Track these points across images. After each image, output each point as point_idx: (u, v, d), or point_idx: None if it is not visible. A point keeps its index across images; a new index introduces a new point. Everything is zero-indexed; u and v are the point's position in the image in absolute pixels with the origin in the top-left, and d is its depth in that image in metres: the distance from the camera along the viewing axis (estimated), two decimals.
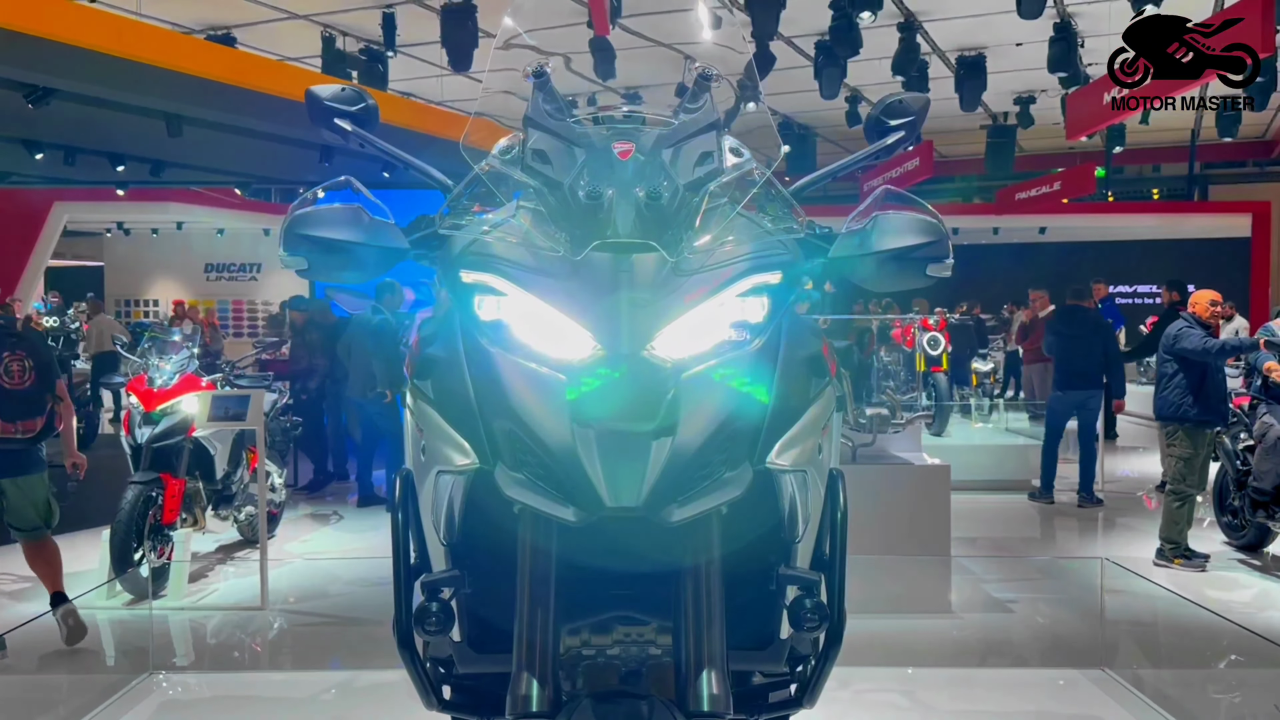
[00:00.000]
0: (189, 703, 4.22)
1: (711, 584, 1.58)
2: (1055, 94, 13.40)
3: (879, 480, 5.48)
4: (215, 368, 6.62)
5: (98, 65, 7.17)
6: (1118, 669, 4.16)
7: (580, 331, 1.48)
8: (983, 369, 13.22)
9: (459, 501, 1.61)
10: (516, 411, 1.48)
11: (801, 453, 1.62)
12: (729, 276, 1.55)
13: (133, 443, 5.80)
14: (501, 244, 1.59)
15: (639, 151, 1.59)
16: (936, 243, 1.71)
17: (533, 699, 1.51)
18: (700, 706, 1.50)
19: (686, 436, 1.45)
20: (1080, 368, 7.96)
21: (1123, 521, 7.49)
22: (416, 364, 1.74)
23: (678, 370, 1.47)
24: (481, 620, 1.78)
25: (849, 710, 3.84)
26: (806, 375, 1.70)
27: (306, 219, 1.70)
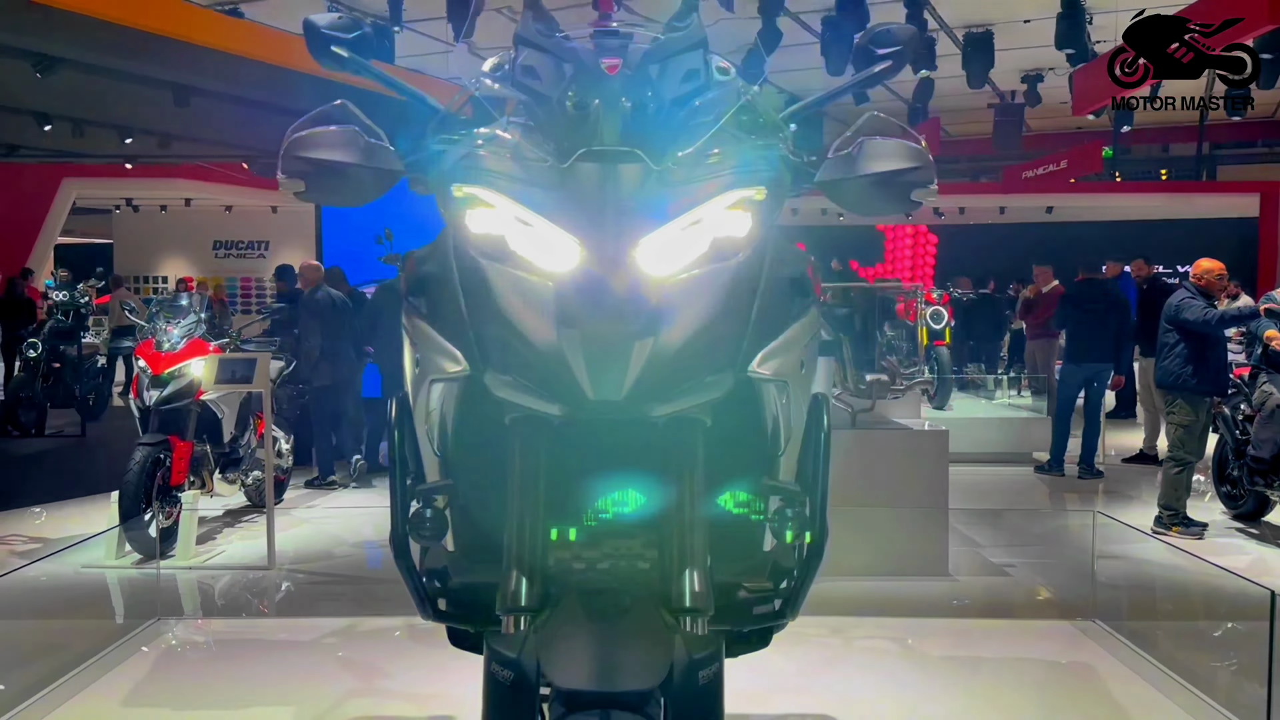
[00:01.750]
0: (194, 645, 4.33)
1: (695, 489, 1.63)
2: (1063, 72, 13.34)
3: (878, 445, 5.51)
4: (223, 333, 6.69)
5: (105, 34, 7.20)
6: (1108, 620, 4.22)
7: (566, 238, 1.52)
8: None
9: (451, 408, 1.67)
10: (505, 317, 1.53)
11: (783, 364, 1.66)
12: (713, 189, 1.59)
13: (141, 405, 5.86)
14: (491, 157, 1.63)
15: (626, 66, 1.64)
16: (921, 168, 1.74)
17: (521, 595, 1.57)
18: (683, 603, 1.55)
19: (667, 339, 1.49)
20: (1092, 341, 7.97)
21: (1122, 492, 7.53)
22: (411, 283, 1.79)
23: (661, 276, 1.52)
24: (475, 531, 1.83)
25: (841, 655, 3.91)
26: (790, 293, 1.74)
27: (303, 141, 1.73)
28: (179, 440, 5.72)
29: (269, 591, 5.08)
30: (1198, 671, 3.64)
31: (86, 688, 3.60)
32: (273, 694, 3.57)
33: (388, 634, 4.10)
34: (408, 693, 3.52)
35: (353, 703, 3.45)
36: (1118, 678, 3.71)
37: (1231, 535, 6.23)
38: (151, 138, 10.84)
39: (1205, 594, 4.79)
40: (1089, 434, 8.13)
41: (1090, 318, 7.99)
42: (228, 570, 5.41)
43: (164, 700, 3.57)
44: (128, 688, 3.63)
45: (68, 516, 6.57)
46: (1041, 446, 8.50)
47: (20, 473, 8.52)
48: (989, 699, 3.60)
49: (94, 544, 5.36)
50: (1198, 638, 4.44)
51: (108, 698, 3.53)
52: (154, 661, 3.96)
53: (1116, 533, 5.07)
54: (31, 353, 9.86)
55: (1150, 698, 3.54)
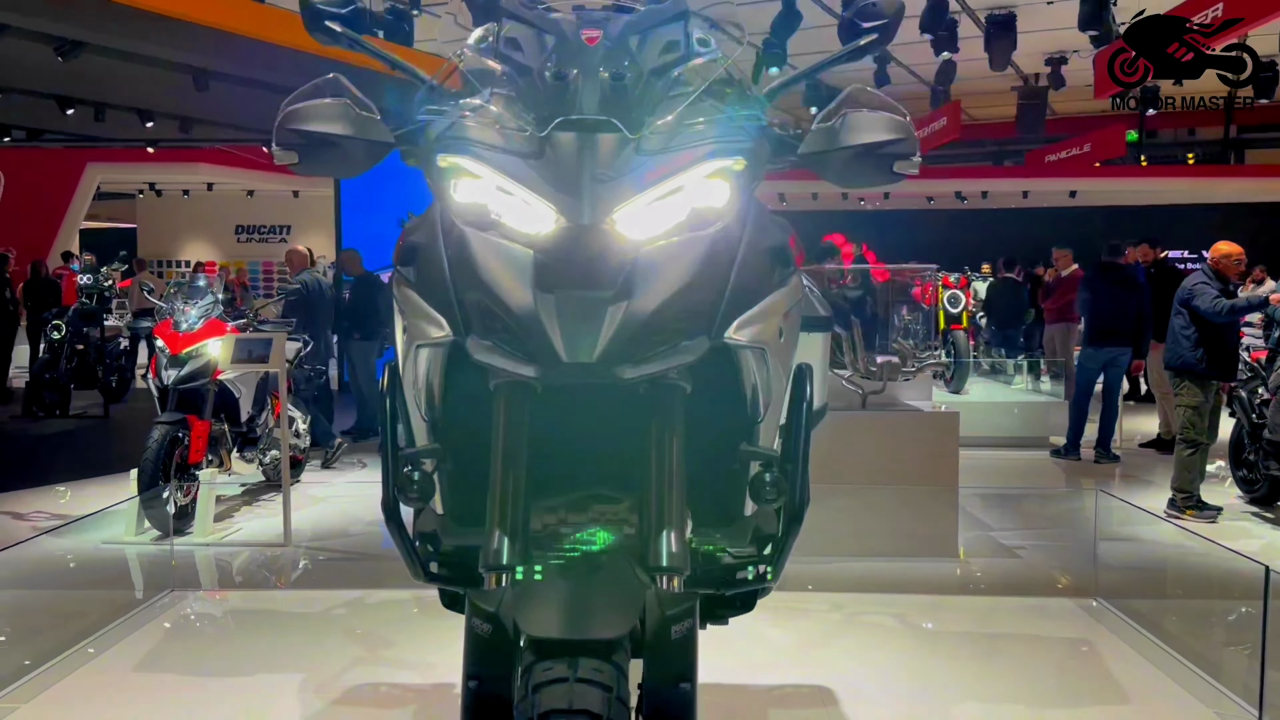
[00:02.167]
0: (206, 616, 4.42)
1: (674, 454, 1.66)
2: (1087, 55, 13.17)
3: (888, 427, 5.51)
4: (240, 314, 6.77)
5: (124, 17, 7.27)
6: (1110, 598, 4.22)
7: (544, 205, 1.55)
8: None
9: (437, 373, 1.71)
10: (485, 283, 1.56)
11: (760, 331, 1.69)
12: (690, 159, 1.61)
13: (159, 385, 5.95)
14: (474, 128, 1.66)
15: (606, 37, 1.66)
16: (904, 140, 1.76)
17: (503, 553, 1.60)
18: (660, 563, 1.58)
19: (641, 303, 1.52)
20: (1112, 325, 7.93)
21: (1138, 477, 7.49)
22: (401, 251, 1.82)
23: (637, 243, 1.55)
24: (463, 495, 1.87)
25: (841, 629, 3.94)
26: (770, 262, 1.76)
27: (297, 114, 1.77)
28: (196, 419, 5.80)
29: (284, 567, 5.16)
30: (1195, 648, 3.65)
31: (101, 654, 3.69)
32: (280, 662, 3.64)
33: (395, 606, 4.17)
34: (411, 661, 3.58)
35: (357, 670, 3.52)
36: (1115, 655, 3.73)
37: (1247, 519, 6.20)
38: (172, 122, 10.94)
39: (1206, 573, 4.79)
40: (1106, 418, 8.09)
41: (1109, 302, 7.93)
42: (244, 547, 5.49)
43: (174, 667, 3.65)
44: (140, 655, 3.72)
45: (90, 494, 6.68)
46: (1058, 431, 8.47)
47: (45, 452, 8.67)
48: (984, 673, 3.62)
49: (114, 520, 5.46)
50: (1197, 615, 4.44)
51: (121, 664, 3.62)
52: (166, 631, 4.05)
53: (1121, 512, 5.06)
54: (56, 335, 10.02)
55: (1146, 673, 3.55)
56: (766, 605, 4.18)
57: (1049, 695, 3.41)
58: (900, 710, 3.25)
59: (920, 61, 14.17)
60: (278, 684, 3.40)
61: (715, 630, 3.49)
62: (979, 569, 5.03)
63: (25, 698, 3.28)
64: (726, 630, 3.67)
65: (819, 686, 3.33)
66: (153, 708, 3.25)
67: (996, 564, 5.16)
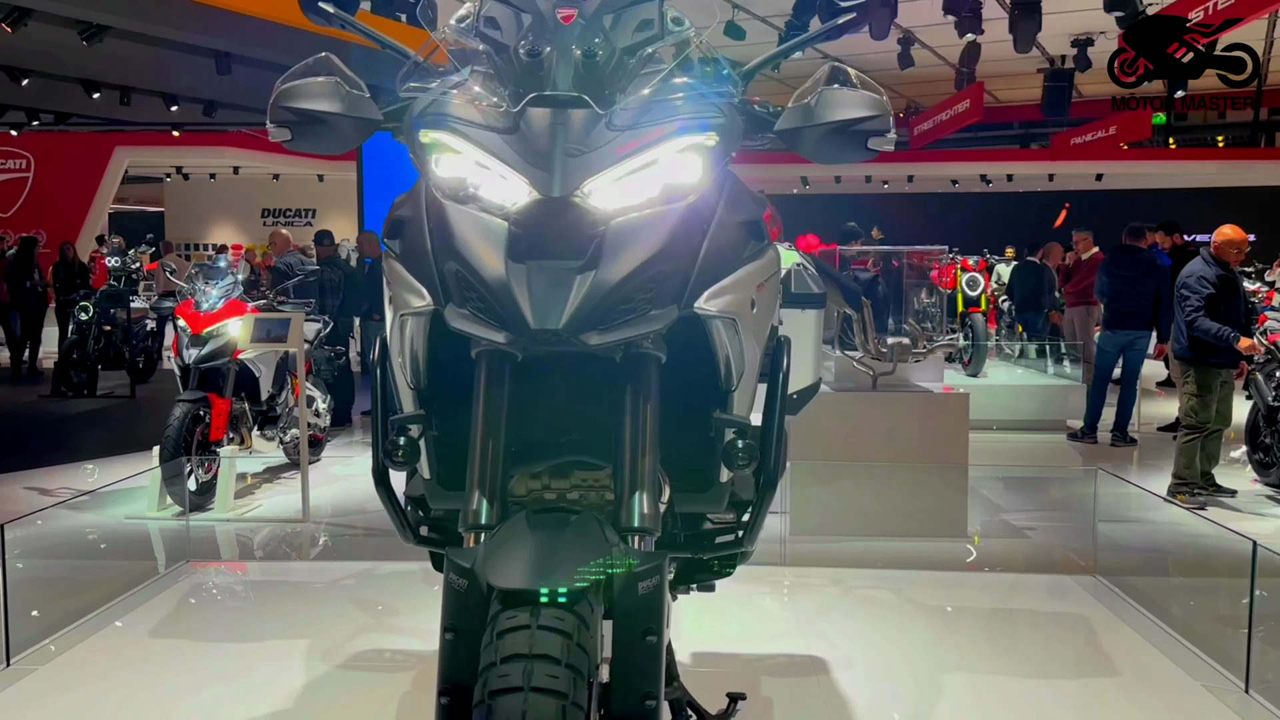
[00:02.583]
0: (219, 586, 4.54)
1: (647, 420, 1.71)
2: (1114, 35, 13.04)
3: (897, 408, 5.54)
4: (261, 294, 6.88)
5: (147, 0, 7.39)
6: (1108, 575, 4.25)
7: (518, 179, 1.61)
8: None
9: (421, 342, 1.77)
10: (462, 253, 1.62)
11: (731, 302, 1.73)
12: (662, 134, 1.66)
13: (181, 364, 6.07)
14: (454, 104, 1.72)
15: (581, 16, 1.71)
16: (878, 117, 1.80)
17: (482, 514, 1.67)
18: (631, 524, 1.65)
19: (608, 272, 1.57)
20: (1131, 308, 7.89)
21: (1153, 461, 7.47)
22: (389, 226, 1.88)
23: (607, 214, 1.60)
24: (449, 461, 1.94)
25: (837, 603, 4.00)
26: (743, 236, 1.81)
27: (289, 93, 1.85)
28: (217, 397, 5.91)
29: (301, 542, 5.27)
30: (1187, 622, 3.68)
31: (117, 620, 3.81)
32: (289, 629, 3.75)
33: (403, 576, 4.27)
34: (415, 629, 3.67)
35: (364, 638, 3.62)
36: (1109, 629, 3.76)
37: (1262, 502, 6.17)
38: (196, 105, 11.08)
39: (1201, 550, 4.81)
40: (1124, 402, 8.06)
41: (1128, 285, 7.89)
42: (263, 523, 5.61)
43: (186, 633, 3.78)
44: (155, 621, 3.84)
45: (116, 471, 6.83)
46: (1076, 415, 8.45)
47: (73, 430, 8.86)
48: (975, 645, 3.67)
49: (137, 496, 5.59)
50: (1190, 591, 4.47)
51: (137, 629, 3.74)
52: (181, 599, 4.17)
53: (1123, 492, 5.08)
54: (83, 315, 10.20)
55: (1139, 647, 3.59)
56: (766, 578, 4.27)
57: (1040, 667, 3.45)
58: (889, 679, 3.30)
59: (945, 44, 14.06)
60: (287, 649, 3.50)
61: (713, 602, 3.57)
62: (981, 547, 5.06)
63: (43, 660, 3.41)
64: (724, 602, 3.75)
65: (812, 657, 3.39)
66: (166, 670, 3.36)
67: (998, 543, 5.19)
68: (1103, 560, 4.39)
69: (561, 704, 1.36)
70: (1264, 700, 3.09)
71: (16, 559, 3.61)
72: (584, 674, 1.42)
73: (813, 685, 3.14)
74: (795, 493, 5.05)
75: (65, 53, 8.66)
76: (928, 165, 20.00)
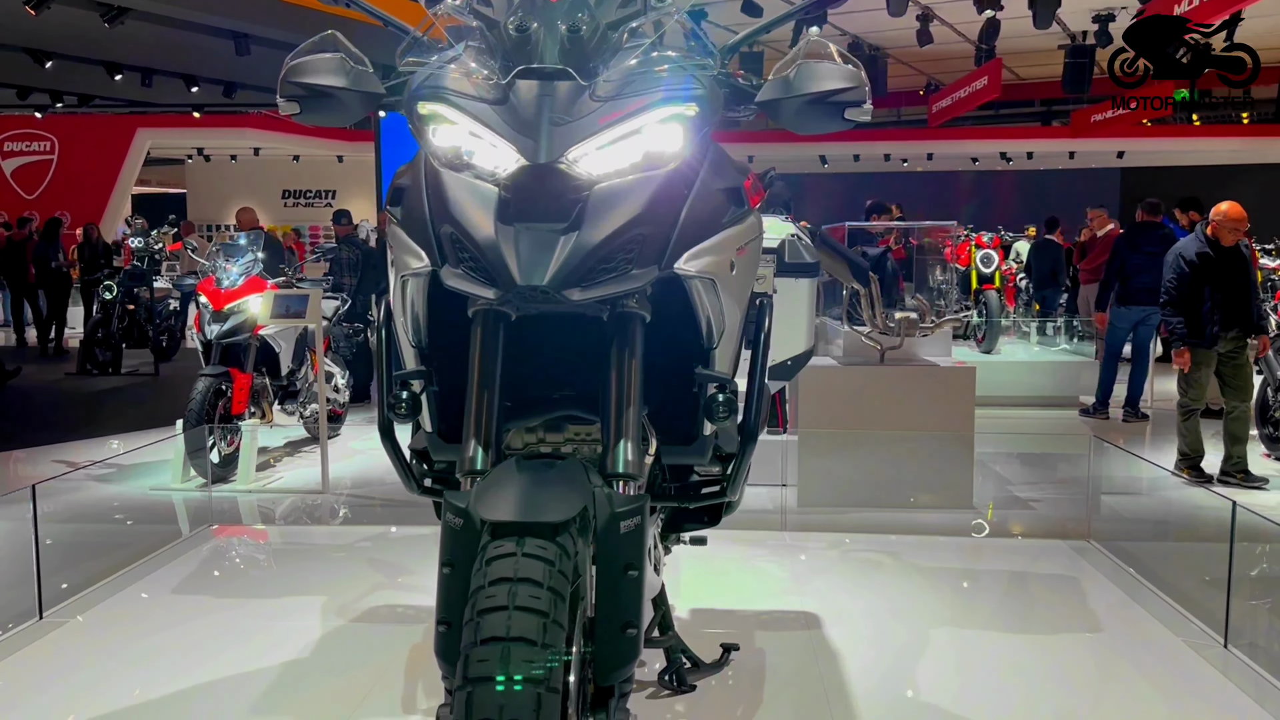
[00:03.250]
0: (239, 548, 4.71)
1: (631, 374, 1.82)
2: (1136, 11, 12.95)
3: (905, 381, 5.61)
4: (279, 272, 7.02)
5: None
6: (1103, 540, 4.34)
7: (507, 147, 1.72)
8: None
9: (420, 301, 1.90)
10: (456, 217, 1.74)
11: (710, 263, 1.84)
12: (643, 105, 1.76)
13: (203, 339, 6.23)
14: (449, 77, 1.83)
15: None
16: (854, 89, 1.89)
17: (478, 460, 1.80)
18: (616, 469, 1.77)
19: (590, 233, 1.68)
20: (1143, 284, 7.90)
21: (1167, 436, 7.50)
22: (391, 193, 2.00)
23: (591, 180, 1.71)
24: (449, 415, 2.07)
25: (835, 565, 4.11)
26: (724, 202, 1.91)
27: (297, 68, 1.97)
28: (239, 372, 6.06)
29: (320, 512, 5.43)
30: (1173, 583, 3.76)
31: (142, 579, 3.98)
32: (307, 587, 3.90)
33: (415, 540, 4.42)
34: (426, 586, 3.79)
35: (377, 595, 3.77)
36: (1099, 590, 3.85)
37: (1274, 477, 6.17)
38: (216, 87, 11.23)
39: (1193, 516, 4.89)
40: (1135, 377, 8.10)
41: (1143, 260, 7.91)
42: (283, 493, 5.76)
43: (209, 590, 3.95)
44: (180, 578, 4.02)
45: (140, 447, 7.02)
46: (1090, 391, 8.48)
47: (98, 407, 9.07)
48: (964, 603, 3.77)
49: (162, 469, 5.76)
50: (1177, 555, 4.55)
51: (162, 587, 3.91)
52: (205, 559, 4.34)
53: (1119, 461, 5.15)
54: (107, 295, 10.41)
55: (1126, 606, 3.68)
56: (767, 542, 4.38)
57: (1029, 625, 3.55)
58: (881, 634, 3.41)
59: (964, 20, 14.00)
60: (304, 605, 3.65)
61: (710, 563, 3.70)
62: (980, 515, 5.14)
63: (73, 613, 3.58)
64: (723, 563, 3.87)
65: (806, 613, 3.50)
66: (192, 624, 3.53)
67: (998, 512, 5.27)
68: (1097, 526, 4.47)
69: (542, 621, 1.48)
70: (1241, 654, 3.19)
71: (46, 522, 3.77)
72: (564, 596, 1.54)
73: (805, 639, 3.26)
74: (802, 463, 5.15)
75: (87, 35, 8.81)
76: (948, 143, 19.93)
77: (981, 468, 5.78)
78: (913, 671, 3.10)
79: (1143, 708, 2.92)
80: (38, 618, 3.50)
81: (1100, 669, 3.19)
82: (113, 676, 3.08)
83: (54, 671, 3.14)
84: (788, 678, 2.98)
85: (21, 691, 3.00)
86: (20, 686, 3.04)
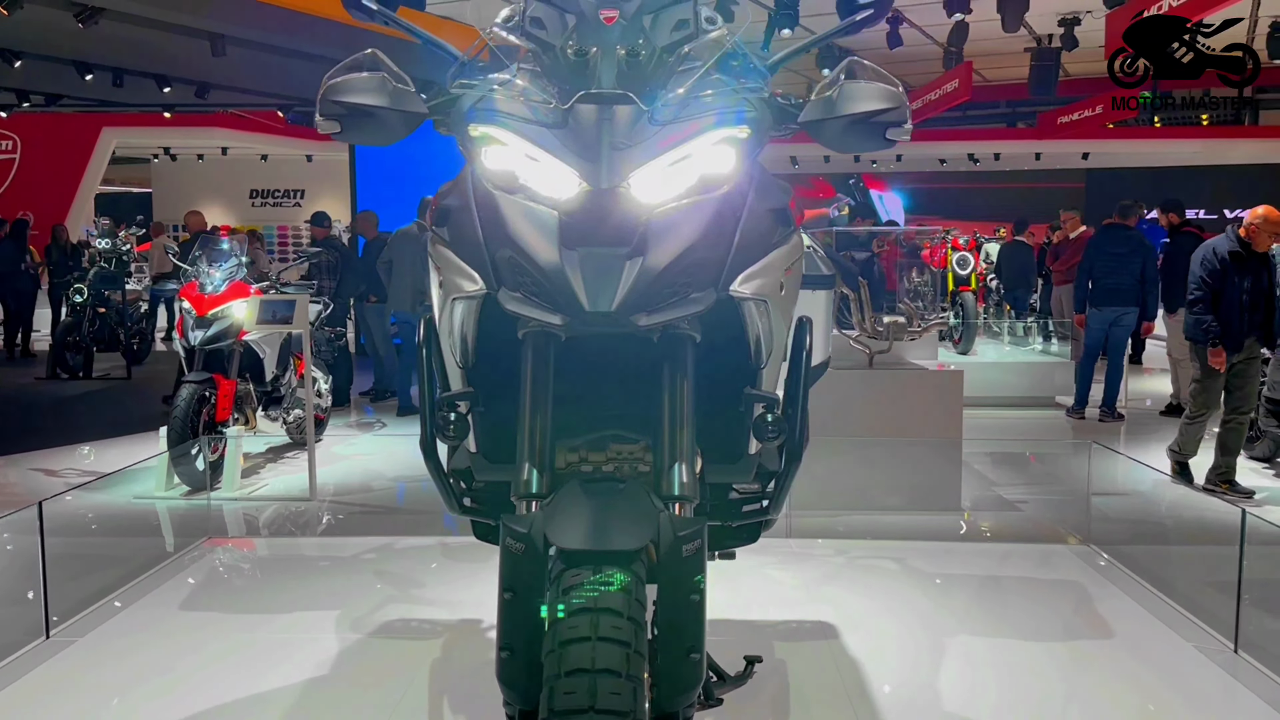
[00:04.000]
0: (242, 562, 4.64)
1: (684, 395, 1.84)
2: (1101, 15, 13.12)
3: (894, 385, 5.67)
4: (262, 277, 6.94)
5: None
6: (1101, 544, 4.41)
7: (568, 171, 1.72)
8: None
9: (471, 323, 1.89)
10: (516, 241, 1.73)
11: (763, 285, 1.86)
12: (699, 128, 1.77)
13: (186, 345, 6.13)
14: (503, 100, 1.83)
15: (622, 17, 1.81)
16: (896, 109, 1.91)
17: (533, 483, 1.80)
18: (672, 491, 1.78)
19: (655, 259, 1.69)
20: (1115, 285, 8.04)
21: (1141, 436, 7.65)
22: (436, 213, 1.99)
23: (651, 205, 1.71)
24: (493, 435, 2.06)
25: (841, 571, 4.15)
26: (772, 223, 1.93)
27: (338, 87, 1.94)
28: (223, 378, 5.98)
29: (308, 519, 5.38)
30: (1178, 588, 3.84)
31: (144, 596, 3.91)
32: (318, 601, 3.86)
33: (421, 551, 4.40)
34: (441, 600, 3.80)
35: (390, 608, 3.74)
36: (1104, 595, 3.91)
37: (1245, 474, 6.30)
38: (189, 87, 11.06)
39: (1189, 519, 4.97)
40: (1110, 378, 8.24)
41: (1110, 262, 8.06)
42: (271, 501, 5.70)
43: (217, 606, 3.88)
44: (182, 596, 3.95)
45: (117, 452, 6.90)
46: (1065, 390, 8.62)
47: (71, 413, 8.91)
48: (977, 611, 3.81)
49: (145, 476, 5.68)
50: (1180, 559, 4.64)
51: (166, 604, 3.84)
52: (206, 575, 4.27)
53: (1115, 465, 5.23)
54: (78, 298, 10.23)
55: (1132, 611, 3.74)
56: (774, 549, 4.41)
57: (1039, 630, 3.59)
58: (895, 643, 3.44)
59: (933, 23, 14.14)
60: (316, 621, 3.62)
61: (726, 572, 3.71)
62: (978, 519, 5.21)
63: (80, 632, 3.51)
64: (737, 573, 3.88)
65: (820, 622, 3.53)
66: (202, 642, 3.47)
67: (995, 515, 5.35)
68: (1095, 530, 4.54)
69: (625, 651, 1.49)
70: (1252, 659, 3.26)
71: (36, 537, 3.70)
72: (643, 625, 1.55)
73: (824, 649, 3.29)
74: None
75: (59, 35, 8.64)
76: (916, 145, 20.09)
77: (971, 470, 5.86)
78: (933, 680, 3.14)
79: (1161, 712, 2.98)
80: (44, 637, 3.44)
81: (1117, 674, 3.23)
82: (128, 698, 3.04)
83: (66, 694, 3.09)
84: (812, 690, 3.00)
85: (36, 714, 2.95)
86: (33, 710, 2.99)
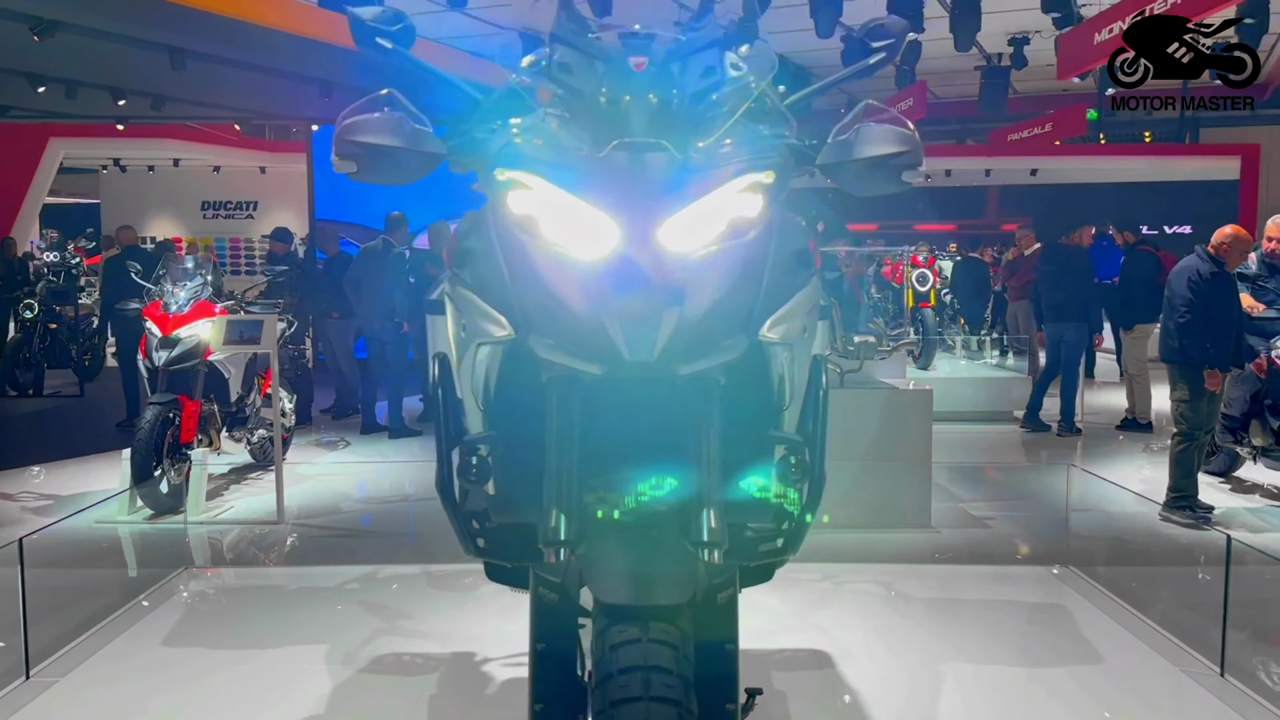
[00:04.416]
0: (226, 592, 4.55)
1: (711, 440, 1.84)
2: (1049, 35, 13.43)
3: (865, 403, 5.73)
4: (227, 296, 6.83)
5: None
6: (1080, 565, 4.50)
7: (603, 218, 1.71)
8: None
9: (496, 368, 1.87)
10: (548, 288, 1.72)
11: (789, 329, 1.88)
12: (729, 174, 1.78)
13: (150, 366, 6.01)
14: (531, 145, 1.82)
15: (652, 64, 1.82)
16: (911, 152, 1.95)
17: (560, 530, 1.78)
18: (701, 538, 1.77)
19: (692, 307, 1.69)
20: (1056, 301, 8.29)
21: (1099, 449, 7.81)
22: (455, 255, 1.97)
23: (684, 252, 1.72)
24: (512, 478, 2.04)
25: (829, 596, 4.18)
26: (795, 265, 1.95)
27: (355, 127, 1.92)
28: (188, 400, 5.88)
29: (280, 545, 5.29)
30: (1160, 610, 3.93)
31: (126, 630, 3.81)
32: (303, 634, 3.79)
33: (406, 579, 4.34)
34: (430, 631, 3.75)
35: (380, 641, 3.69)
36: (1085, 617, 3.98)
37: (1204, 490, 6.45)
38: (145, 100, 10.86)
39: (1167, 541, 5.05)
40: (1065, 393, 8.42)
41: (1047, 279, 8.38)
42: (238, 524, 5.60)
43: (200, 641, 3.78)
44: (165, 630, 3.85)
45: (71, 474, 6.74)
46: (1022, 405, 8.77)
47: (25, 432, 8.68)
48: (966, 635, 3.86)
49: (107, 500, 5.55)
50: (1160, 581, 4.73)
51: (147, 639, 3.75)
52: (186, 609, 4.17)
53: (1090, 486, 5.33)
54: (28, 314, 9.98)
55: (1115, 634, 3.81)
56: None
57: (1027, 655, 3.65)
58: (888, 669, 3.47)
59: None
60: (304, 655, 3.56)
61: None
62: (956, 540, 5.28)
63: (61, 672, 3.41)
64: None
65: (815, 650, 3.55)
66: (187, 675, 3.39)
67: (972, 535, 5.41)
68: (1074, 551, 4.63)
69: (677, 710, 1.48)
70: (1238, 683, 3.34)
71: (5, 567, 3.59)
72: (690, 681, 1.54)
73: (821, 679, 3.31)
74: None
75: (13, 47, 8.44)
76: None
77: (941, 490, 5.94)
78: (933, 709, 3.16)
79: None
80: (24, 678, 3.34)
81: (1106, 699, 3.29)
82: None
83: None
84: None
85: None
86: None
